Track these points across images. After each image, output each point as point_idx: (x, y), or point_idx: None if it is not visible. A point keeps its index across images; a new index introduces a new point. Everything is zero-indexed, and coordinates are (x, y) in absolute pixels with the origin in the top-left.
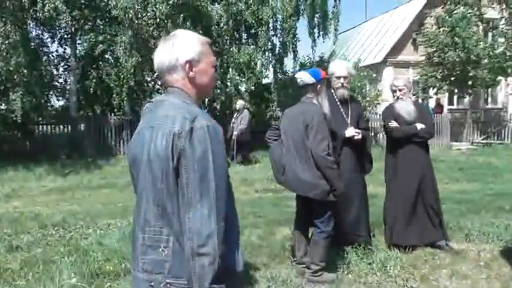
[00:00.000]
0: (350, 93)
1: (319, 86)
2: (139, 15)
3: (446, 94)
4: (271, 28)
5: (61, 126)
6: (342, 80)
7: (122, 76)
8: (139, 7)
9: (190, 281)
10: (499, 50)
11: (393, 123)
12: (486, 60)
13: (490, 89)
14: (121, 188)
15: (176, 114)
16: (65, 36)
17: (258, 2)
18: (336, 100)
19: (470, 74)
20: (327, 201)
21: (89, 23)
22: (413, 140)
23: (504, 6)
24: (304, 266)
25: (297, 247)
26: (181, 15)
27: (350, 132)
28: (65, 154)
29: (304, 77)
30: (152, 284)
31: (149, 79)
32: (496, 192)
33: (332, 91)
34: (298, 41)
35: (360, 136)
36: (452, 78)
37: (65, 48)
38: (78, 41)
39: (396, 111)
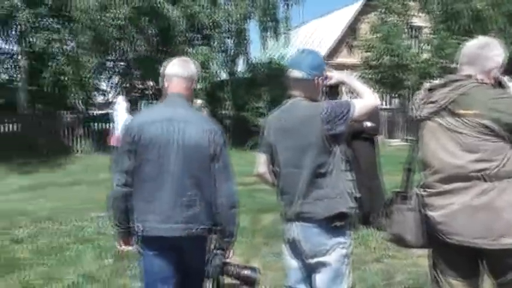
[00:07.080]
0: None
1: None
2: (99, 17)
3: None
4: (225, 30)
5: (9, 124)
6: None
7: (83, 76)
8: (98, 9)
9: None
10: (424, 57)
11: None
12: (413, 65)
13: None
14: (90, 183)
15: (194, 114)
16: (14, 33)
17: (211, 5)
18: None
19: (403, 77)
20: None
21: (43, 21)
22: None
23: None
24: None
25: None
26: (142, 17)
27: None
28: (17, 153)
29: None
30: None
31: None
32: None
33: None
34: (251, 43)
35: None
36: (385, 81)
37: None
38: (30, 39)
39: None
